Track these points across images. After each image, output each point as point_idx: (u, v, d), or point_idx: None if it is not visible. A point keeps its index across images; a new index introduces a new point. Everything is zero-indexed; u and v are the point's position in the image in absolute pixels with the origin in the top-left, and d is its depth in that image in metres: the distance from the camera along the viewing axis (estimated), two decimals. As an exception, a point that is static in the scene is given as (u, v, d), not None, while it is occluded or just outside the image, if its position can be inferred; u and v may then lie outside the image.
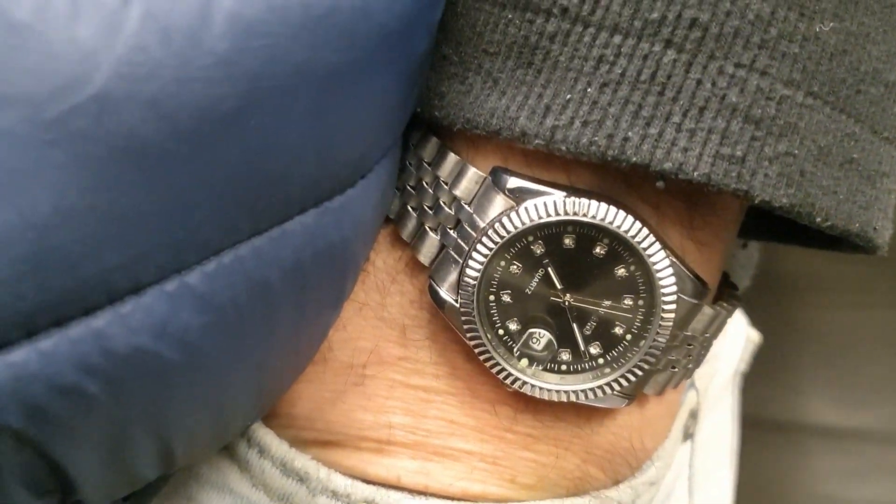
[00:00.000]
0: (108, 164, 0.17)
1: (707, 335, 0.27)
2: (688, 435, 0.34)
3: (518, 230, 0.23)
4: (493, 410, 0.25)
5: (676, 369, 0.27)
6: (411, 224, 0.26)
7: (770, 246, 0.36)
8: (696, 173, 0.22)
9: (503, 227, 0.23)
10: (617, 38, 0.22)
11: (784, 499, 0.48)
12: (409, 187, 0.26)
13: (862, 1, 0.23)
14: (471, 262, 0.24)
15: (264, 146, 0.19)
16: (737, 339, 0.41)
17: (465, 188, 0.24)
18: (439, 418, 0.25)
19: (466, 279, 0.24)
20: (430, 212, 0.25)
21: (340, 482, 0.25)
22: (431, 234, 0.25)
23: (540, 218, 0.23)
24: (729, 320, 0.28)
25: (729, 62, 0.22)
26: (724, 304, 0.27)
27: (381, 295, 0.26)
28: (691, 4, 0.22)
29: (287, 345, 0.22)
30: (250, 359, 0.21)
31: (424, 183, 0.26)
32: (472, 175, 0.24)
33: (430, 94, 0.25)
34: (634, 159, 0.22)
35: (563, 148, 0.22)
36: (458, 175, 0.25)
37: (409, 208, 0.26)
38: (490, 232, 0.24)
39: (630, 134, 0.22)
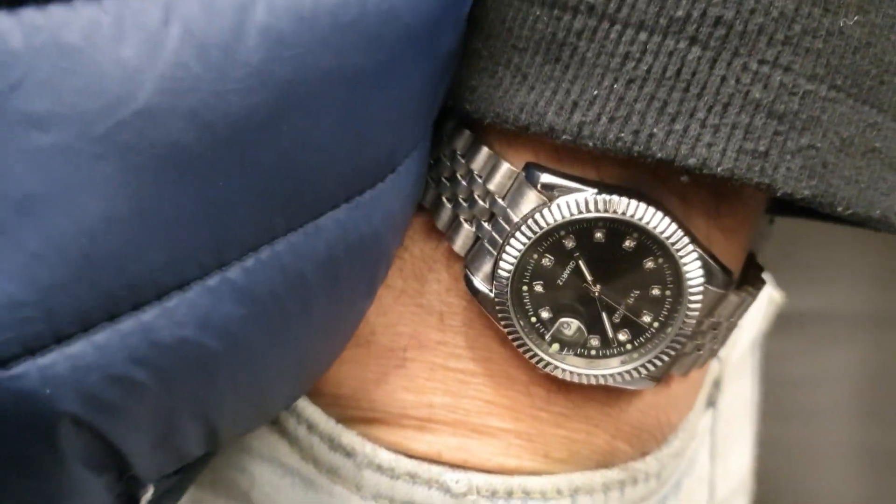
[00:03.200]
0: (152, 174, 0.18)
1: (732, 319, 0.28)
2: (710, 403, 0.35)
3: (550, 226, 0.24)
4: (527, 391, 0.27)
5: (702, 352, 0.28)
6: (446, 215, 0.27)
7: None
8: (720, 168, 0.23)
9: (536, 222, 0.24)
10: (643, 35, 0.23)
11: None
12: (443, 179, 0.27)
13: None
14: (505, 256, 0.25)
15: (297, 148, 0.20)
16: (759, 302, 0.42)
17: (498, 183, 0.25)
18: (476, 398, 0.26)
19: (500, 271, 0.25)
20: (465, 204, 0.26)
21: (385, 457, 0.27)
22: (466, 225, 0.26)
23: (572, 215, 0.24)
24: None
25: (753, 59, 0.22)
26: (750, 289, 0.28)
27: (419, 283, 0.27)
28: (716, 2, 0.22)
29: (322, 332, 0.24)
30: (288, 346, 0.23)
31: (458, 175, 0.26)
32: (506, 170, 0.25)
33: (461, 88, 0.26)
34: (660, 155, 0.23)
35: (590, 144, 0.23)
36: (492, 170, 0.26)
37: (444, 199, 0.27)
38: (524, 227, 0.25)
39: (655, 130, 0.23)
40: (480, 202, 0.26)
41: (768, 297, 0.43)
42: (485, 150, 0.26)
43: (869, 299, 0.51)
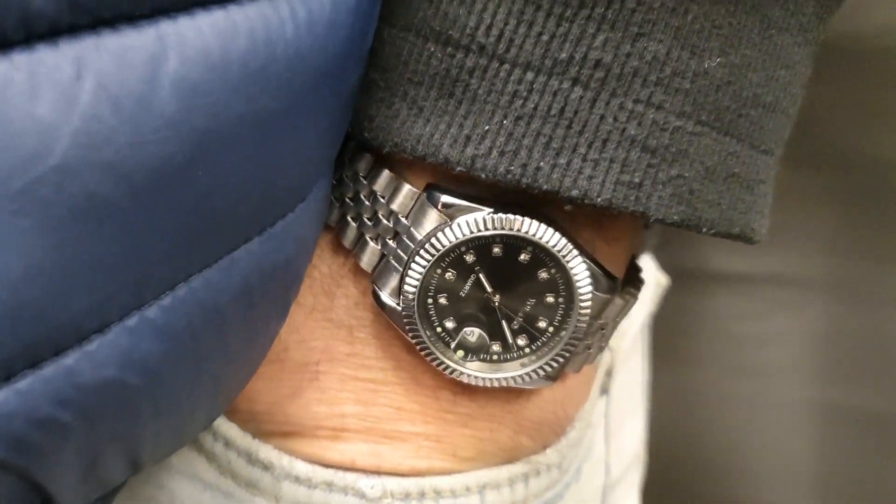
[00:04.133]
0: (70, 225, 0.19)
1: (617, 319, 0.30)
2: (604, 391, 0.38)
3: (452, 244, 0.26)
4: (435, 395, 0.28)
5: (591, 350, 0.30)
6: (352, 234, 0.28)
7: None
8: (599, 199, 0.25)
9: (439, 241, 0.26)
10: (529, 75, 0.24)
11: (692, 336, 0.53)
12: (347, 199, 0.28)
13: (745, 35, 0.25)
14: (410, 273, 0.26)
15: (212, 191, 0.21)
16: (647, 287, 0.45)
17: (401, 203, 0.27)
18: (387, 405, 0.28)
19: (407, 287, 0.26)
20: (370, 223, 0.28)
21: (302, 468, 0.28)
22: (372, 243, 0.28)
23: (472, 233, 0.26)
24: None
25: (629, 98, 0.24)
26: (632, 290, 0.30)
27: (328, 299, 0.28)
28: (596, 46, 0.24)
29: (239, 356, 0.25)
30: (206, 374, 0.24)
31: (362, 196, 0.28)
32: (407, 191, 0.27)
33: (360, 116, 0.27)
34: (546, 187, 0.25)
35: (483, 175, 0.25)
36: (394, 191, 0.27)
37: (349, 218, 0.28)
38: (427, 245, 0.26)
39: (542, 164, 0.25)
40: (384, 221, 0.27)
41: (655, 281, 0.46)
42: (386, 173, 0.27)
43: (822, 265, 0.54)
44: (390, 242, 0.27)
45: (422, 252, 0.26)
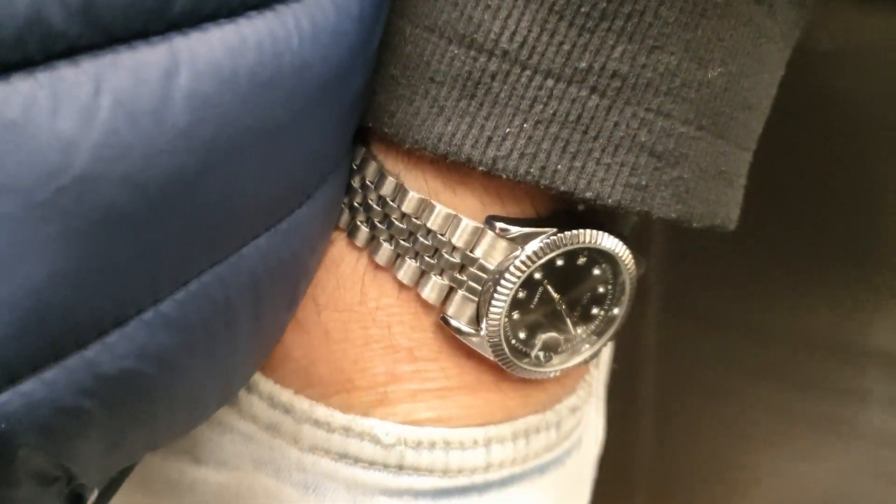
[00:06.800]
0: (90, 233, 0.20)
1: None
2: (595, 365, 0.40)
3: (530, 269, 0.28)
4: (498, 388, 0.30)
5: None
6: (411, 271, 0.29)
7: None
8: (610, 200, 0.26)
9: (518, 269, 0.28)
10: (550, 82, 0.25)
11: (831, 425, 0.47)
12: (402, 241, 0.29)
13: (741, 45, 0.26)
14: (495, 304, 0.28)
15: (221, 196, 0.22)
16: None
17: (465, 239, 0.28)
18: (456, 407, 0.30)
19: (492, 317, 0.28)
20: (431, 260, 0.29)
21: (322, 412, 0.29)
22: (435, 277, 0.29)
23: (546, 255, 0.28)
24: None
25: (641, 107, 0.26)
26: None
27: (381, 329, 0.29)
28: (614, 57, 0.25)
29: (247, 346, 0.26)
30: (217, 364, 0.25)
31: (419, 236, 0.29)
32: (471, 227, 0.28)
33: (380, 112, 0.28)
34: (562, 188, 0.26)
35: (504, 176, 0.26)
36: (456, 227, 0.28)
37: (408, 259, 0.29)
38: (507, 275, 0.28)
39: (559, 166, 0.26)
40: (448, 256, 0.28)
41: None
42: (444, 211, 0.28)
43: None
44: (459, 276, 0.29)
45: (503, 282, 0.28)
